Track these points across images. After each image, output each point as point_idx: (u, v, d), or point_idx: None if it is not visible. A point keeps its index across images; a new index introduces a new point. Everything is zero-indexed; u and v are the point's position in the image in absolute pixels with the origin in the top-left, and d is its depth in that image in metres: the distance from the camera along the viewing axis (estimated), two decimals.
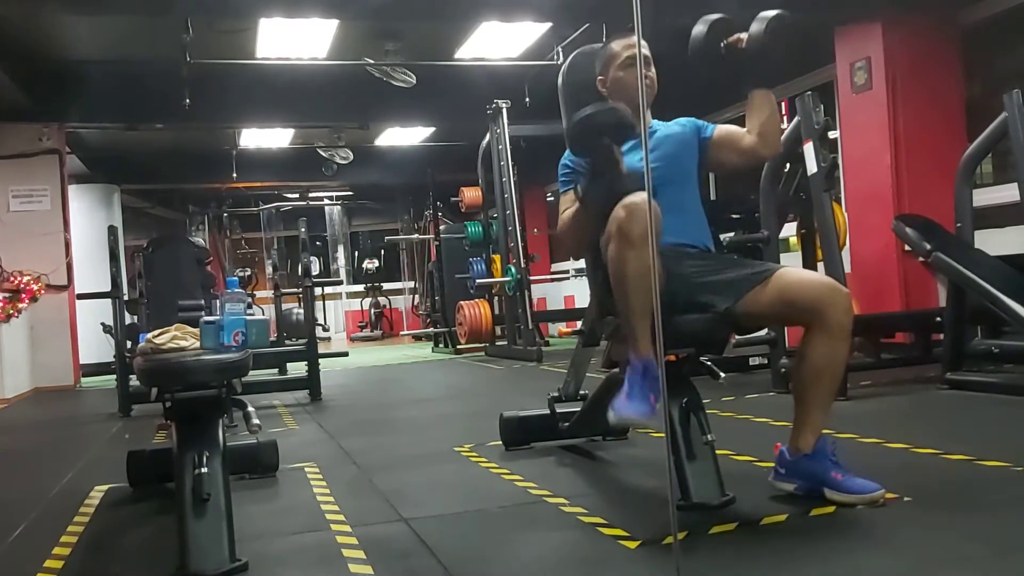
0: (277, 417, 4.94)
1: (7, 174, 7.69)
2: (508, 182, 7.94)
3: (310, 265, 6.19)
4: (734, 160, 2.62)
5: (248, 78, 7.74)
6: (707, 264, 2.45)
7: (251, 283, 13.02)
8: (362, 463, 3.43)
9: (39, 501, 3.09)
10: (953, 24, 5.85)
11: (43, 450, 4.54)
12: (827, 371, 2.31)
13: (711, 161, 2.64)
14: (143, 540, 2.60)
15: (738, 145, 2.60)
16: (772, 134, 2.55)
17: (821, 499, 2.28)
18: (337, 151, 10.35)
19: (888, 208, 5.58)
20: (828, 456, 2.31)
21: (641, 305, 2.20)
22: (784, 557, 1.97)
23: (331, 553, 2.21)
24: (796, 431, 2.36)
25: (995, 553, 1.89)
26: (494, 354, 8.57)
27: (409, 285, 14.02)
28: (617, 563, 1.99)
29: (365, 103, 8.40)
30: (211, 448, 2.23)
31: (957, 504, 2.29)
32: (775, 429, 3.57)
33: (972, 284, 4.08)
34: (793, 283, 2.33)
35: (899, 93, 5.70)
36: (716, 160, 2.63)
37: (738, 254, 4.65)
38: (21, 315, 7.13)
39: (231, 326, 2.39)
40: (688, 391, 2.44)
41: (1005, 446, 2.90)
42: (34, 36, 6.69)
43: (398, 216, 15.09)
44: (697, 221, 2.58)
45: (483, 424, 3.78)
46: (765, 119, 2.53)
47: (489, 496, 2.74)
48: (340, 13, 5.88)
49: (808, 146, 4.23)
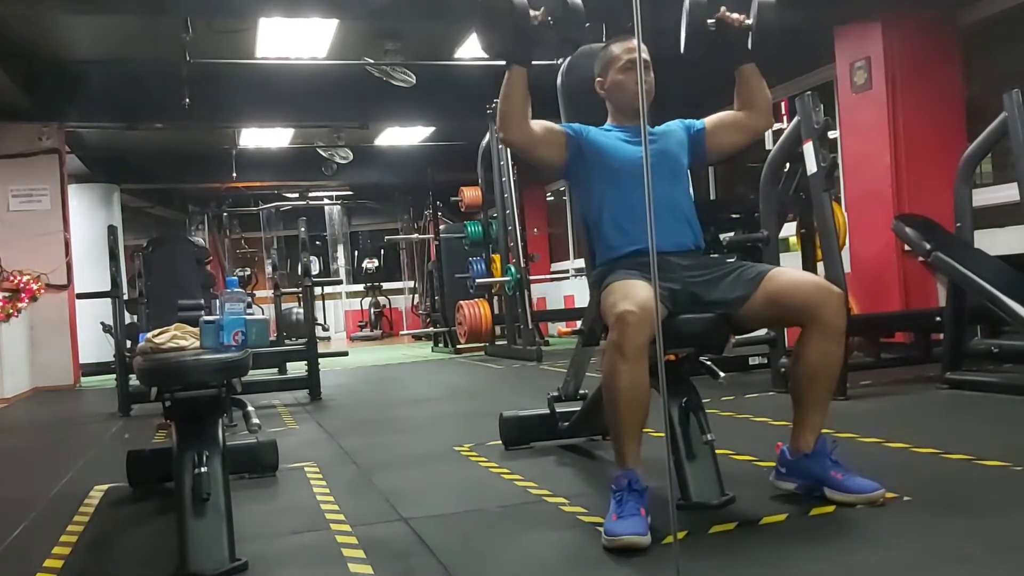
0: (277, 417, 4.94)
1: (7, 174, 7.69)
2: (508, 182, 7.94)
3: (310, 265, 6.20)
4: (733, 139, 2.66)
5: (248, 78, 7.74)
6: (702, 273, 2.45)
7: (251, 283, 13.03)
8: (362, 463, 3.43)
9: (39, 501, 3.09)
10: (953, 24, 5.85)
11: (43, 450, 4.55)
12: (823, 372, 2.32)
13: (710, 149, 2.66)
14: (143, 540, 2.60)
15: (734, 122, 2.65)
16: (764, 104, 2.62)
17: (821, 499, 2.28)
18: (337, 151, 10.35)
19: (888, 208, 5.58)
20: (828, 455, 2.31)
21: (630, 421, 2.21)
22: (784, 557, 1.97)
23: (331, 553, 2.21)
24: (795, 431, 2.37)
25: (995, 553, 1.89)
26: (494, 354, 8.57)
27: (409, 285, 14.02)
28: (617, 563, 1.98)
29: (365, 103, 8.40)
30: (211, 448, 2.23)
31: (957, 504, 2.29)
32: (775, 429, 3.57)
33: (972, 284, 4.08)
34: (785, 285, 2.34)
35: (899, 93, 5.70)
36: (715, 146, 2.66)
37: (738, 254, 4.66)
38: (21, 315, 7.12)
39: (231, 326, 2.39)
40: (688, 391, 2.44)
41: (1005, 446, 2.90)
42: (34, 36, 6.68)
43: (398, 216, 15.09)
44: (688, 218, 2.58)
45: (483, 424, 3.78)
46: (757, 91, 2.59)
47: (489, 496, 2.74)
48: (340, 13, 5.88)
49: (808, 146, 4.23)
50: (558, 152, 2.58)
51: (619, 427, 2.23)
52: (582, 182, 2.63)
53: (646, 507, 2.12)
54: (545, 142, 2.57)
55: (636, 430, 2.23)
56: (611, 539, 2.04)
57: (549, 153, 2.58)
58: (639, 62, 1.92)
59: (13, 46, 6.63)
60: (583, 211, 2.68)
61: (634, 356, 2.16)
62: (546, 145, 2.57)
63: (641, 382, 2.19)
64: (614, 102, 2.65)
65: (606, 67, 2.64)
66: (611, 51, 2.63)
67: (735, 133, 2.66)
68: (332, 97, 8.27)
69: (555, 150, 2.58)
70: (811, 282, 2.39)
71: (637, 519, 2.07)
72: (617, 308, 2.19)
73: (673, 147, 2.60)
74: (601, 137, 2.60)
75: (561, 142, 2.58)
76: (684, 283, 2.41)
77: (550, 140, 2.57)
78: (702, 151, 2.66)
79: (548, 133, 2.57)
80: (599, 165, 2.56)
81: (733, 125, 2.65)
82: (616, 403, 2.21)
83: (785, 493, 2.39)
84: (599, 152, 2.57)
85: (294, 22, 6.15)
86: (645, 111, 2.10)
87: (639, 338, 2.15)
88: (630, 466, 2.20)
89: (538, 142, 2.56)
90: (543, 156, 2.58)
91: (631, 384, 2.18)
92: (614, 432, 2.26)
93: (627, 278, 2.34)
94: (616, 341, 2.18)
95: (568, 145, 2.58)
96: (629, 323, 2.15)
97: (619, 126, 2.63)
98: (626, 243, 2.49)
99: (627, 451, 2.23)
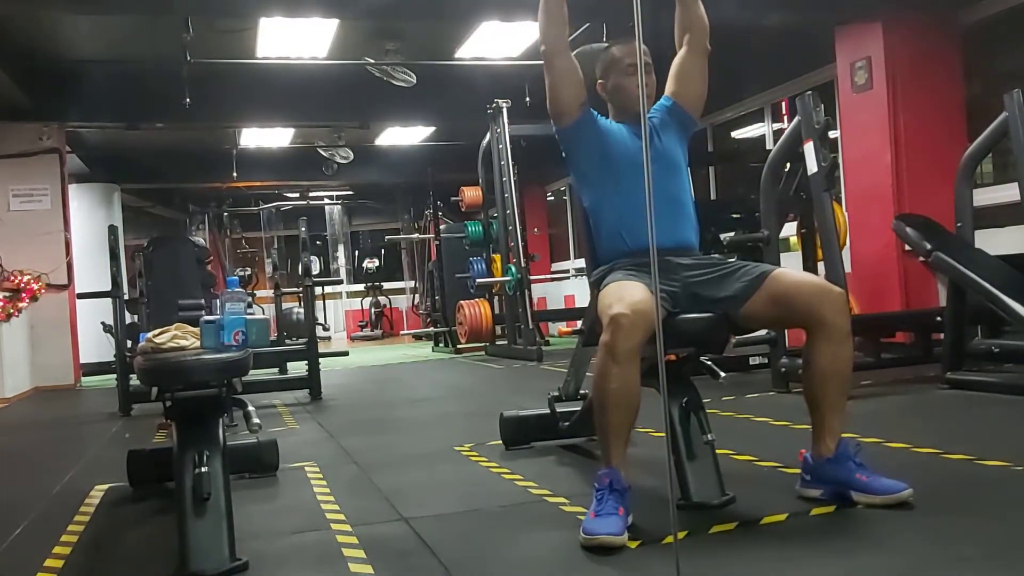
0: (277, 416, 4.94)
1: (7, 173, 7.69)
2: (508, 182, 7.94)
3: (310, 264, 6.20)
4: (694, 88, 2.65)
5: (248, 78, 7.74)
6: (702, 272, 2.44)
7: (251, 282, 13.03)
8: (362, 462, 3.43)
9: (39, 501, 3.09)
10: (953, 24, 5.85)
11: (43, 449, 4.54)
12: (834, 374, 2.31)
13: (690, 110, 2.64)
14: (143, 539, 2.61)
15: (682, 73, 2.64)
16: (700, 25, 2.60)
17: (850, 503, 2.24)
18: (337, 150, 10.35)
19: (888, 208, 5.57)
20: (851, 458, 2.28)
21: (617, 423, 2.22)
22: (784, 557, 1.97)
23: (331, 552, 2.21)
24: (816, 437, 2.34)
25: (994, 553, 1.89)
26: (494, 353, 8.57)
27: (409, 284, 14.02)
28: (617, 563, 1.99)
29: (365, 102, 8.40)
30: (211, 447, 2.23)
31: (957, 504, 2.29)
32: (775, 429, 3.57)
33: (972, 284, 4.08)
34: (788, 287, 2.33)
35: (899, 93, 5.70)
36: (689, 106, 2.64)
37: (738, 254, 4.67)
38: (21, 314, 7.12)
39: (231, 325, 2.39)
40: (688, 391, 2.44)
41: (1005, 446, 2.90)
42: (34, 36, 6.69)
43: (398, 215, 15.09)
44: (687, 214, 2.57)
45: (483, 423, 3.78)
46: (691, 8, 2.59)
47: (489, 495, 2.74)
48: (340, 13, 5.88)
49: (808, 146, 4.23)
50: (575, 100, 2.57)
51: (606, 427, 2.24)
52: (584, 173, 2.63)
53: (626, 507, 2.14)
54: (572, 82, 2.57)
55: (623, 431, 2.24)
56: (587, 537, 2.07)
57: (569, 92, 2.57)
58: (640, 64, 1.91)
59: (13, 46, 6.63)
60: (585, 205, 2.67)
61: (625, 359, 2.16)
62: (571, 85, 2.57)
63: (631, 385, 2.19)
64: (616, 104, 2.65)
65: (607, 70, 2.64)
66: (612, 54, 2.63)
67: (691, 80, 2.64)
68: (332, 97, 8.27)
69: (574, 96, 2.57)
70: (813, 283, 2.39)
71: (614, 518, 2.08)
72: (610, 310, 2.20)
73: (665, 137, 2.60)
74: (608, 126, 2.62)
75: (582, 97, 2.59)
76: (684, 284, 2.41)
77: (576, 84, 2.57)
78: (687, 118, 2.65)
79: (578, 78, 2.58)
80: (602, 154, 2.56)
81: (683, 74, 2.64)
82: (605, 404, 2.22)
83: (803, 497, 2.35)
84: (603, 137, 2.57)
85: (294, 22, 6.15)
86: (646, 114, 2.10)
87: (630, 341, 2.15)
88: (614, 465, 2.21)
89: (569, 71, 2.56)
90: (562, 91, 2.57)
91: (621, 387, 2.18)
92: (600, 432, 2.27)
93: (625, 279, 2.34)
94: (607, 343, 2.18)
95: (584, 107, 2.59)
96: (621, 325, 2.16)
97: (621, 123, 2.63)
98: (627, 242, 2.49)
99: (612, 451, 2.23)
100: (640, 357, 2.21)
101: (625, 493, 2.16)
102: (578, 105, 2.58)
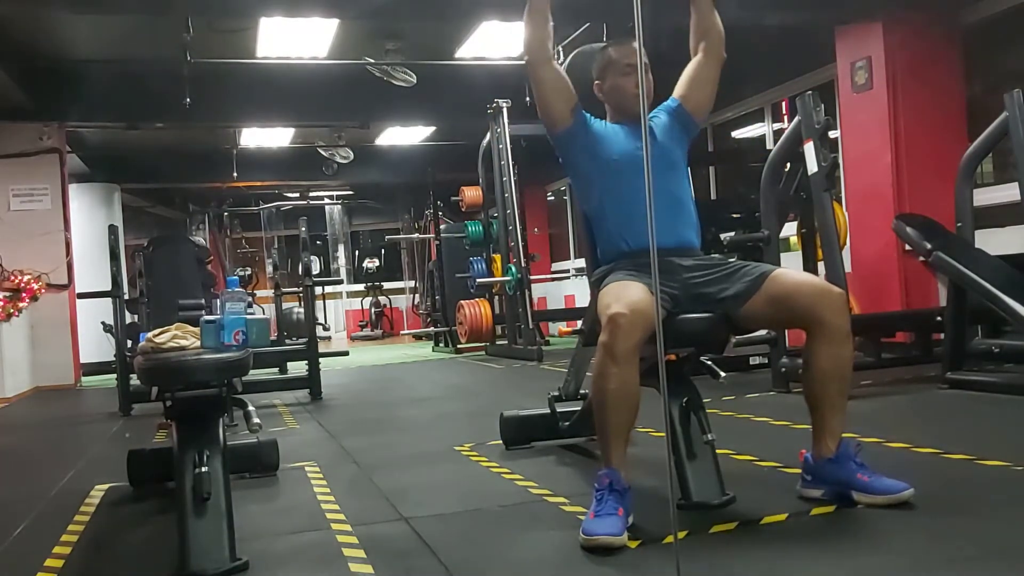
0: (277, 416, 4.94)
1: (7, 173, 7.69)
2: (508, 181, 7.94)
3: (310, 264, 6.20)
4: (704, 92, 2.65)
5: (248, 77, 7.73)
6: (703, 273, 2.44)
7: (251, 282, 13.04)
8: (362, 462, 3.43)
9: (39, 500, 3.09)
10: (953, 24, 5.85)
11: (43, 449, 4.55)
12: (834, 375, 2.30)
13: (694, 114, 2.64)
14: (143, 539, 2.61)
15: (695, 77, 2.64)
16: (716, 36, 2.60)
17: (851, 503, 2.24)
18: (337, 150, 10.35)
19: (888, 207, 5.57)
20: (852, 459, 2.28)
21: (617, 423, 2.22)
22: (784, 557, 1.97)
23: (331, 552, 2.21)
24: (816, 437, 2.34)
25: (994, 553, 1.89)
26: (494, 353, 8.57)
27: (409, 284, 14.02)
28: (617, 563, 1.99)
29: (365, 102, 8.40)
30: (211, 447, 2.23)
31: (957, 504, 2.29)
32: (775, 429, 3.57)
33: (972, 283, 4.08)
34: (788, 287, 2.33)
35: (899, 93, 5.70)
36: (695, 109, 2.64)
37: (738, 254, 4.66)
38: (21, 314, 7.12)
39: (231, 325, 2.40)
40: (688, 390, 2.44)
41: (1005, 446, 2.90)
42: (34, 36, 6.68)
43: (398, 215, 15.09)
44: (687, 213, 2.57)
45: (483, 423, 3.78)
46: (707, 17, 2.59)
47: (489, 495, 2.75)
48: (340, 13, 5.88)
49: (808, 146, 4.23)
50: (566, 107, 2.57)
51: (605, 428, 2.24)
52: (582, 176, 2.63)
53: (626, 507, 2.14)
54: (559, 89, 2.56)
55: (623, 431, 2.24)
56: (587, 538, 2.07)
57: (558, 100, 2.57)
58: (640, 64, 1.91)
59: (13, 46, 6.62)
60: (584, 208, 2.68)
61: (623, 359, 2.16)
62: (559, 92, 2.56)
63: (630, 385, 2.19)
64: (613, 105, 2.65)
65: (604, 70, 2.64)
66: (609, 54, 2.63)
67: (702, 86, 2.64)
68: (332, 97, 8.27)
69: (564, 103, 2.57)
70: (812, 284, 2.38)
71: (614, 519, 2.08)
72: (609, 310, 2.20)
73: (665, 137, 2.59)
74: (602, 128, 2.61)
75: (572, 102, 2.58)
76: (684, 284, 2.41)
77: (564, 90, 2.57)
78: (690, 122, 2.65)
79: (565, 84, 2.57)
80: (599, 156, 2.56)
81: (696, 80, 2.64)
82: (604, 405, 2.22)
83: (804, 497, 2.35)
84: (599, 141, 2.57)
85: (295, 22, 6.15)
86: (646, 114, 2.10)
87: (629, 341, 2.15)
88: (614, 465, 2.21)
89: (554, 80, 2.56)
90: (551, 101, 2.57)
91: (620, 387, 2.18)
92: (600, 432, 2.27)
93: (625, 279, 2.34)
94: (606, 343, 2.18)
95: (575, 112, 2.58)
96: (619, 325, 2.15)
97: (618, 123, 2.63)
98: (627, 243, 2.49)
99: (612, 451, 2.23)
100: (639, 357, 2.21)
101: (625, 493, 2.16)
102: (569, 111, 2.57)
